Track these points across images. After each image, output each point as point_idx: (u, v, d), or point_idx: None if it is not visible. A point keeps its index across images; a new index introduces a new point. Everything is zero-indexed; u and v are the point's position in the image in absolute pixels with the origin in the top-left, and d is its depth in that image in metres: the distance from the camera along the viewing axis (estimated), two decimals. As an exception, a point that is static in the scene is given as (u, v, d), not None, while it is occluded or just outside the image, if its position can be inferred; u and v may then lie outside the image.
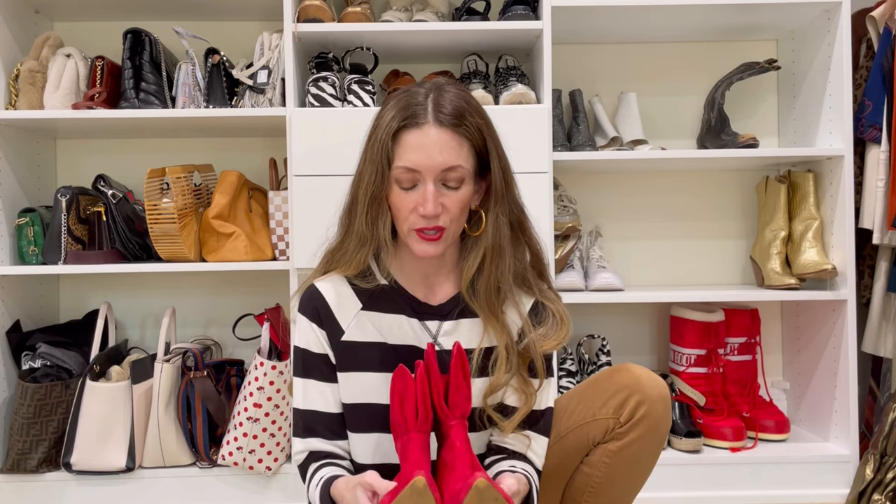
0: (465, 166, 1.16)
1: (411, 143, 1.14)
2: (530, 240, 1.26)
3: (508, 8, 2.13)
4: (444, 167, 1.14)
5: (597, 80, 2.46)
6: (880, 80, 2.13)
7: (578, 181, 2.42)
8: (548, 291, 1.28)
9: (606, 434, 1.24)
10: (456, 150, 1.14)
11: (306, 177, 1.98)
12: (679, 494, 2.05)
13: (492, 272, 1.20)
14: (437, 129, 1.14)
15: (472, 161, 1.18)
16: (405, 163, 1.14)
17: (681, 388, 2.23)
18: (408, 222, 1.17)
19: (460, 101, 1.17)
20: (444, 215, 1.16)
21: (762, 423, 2.20)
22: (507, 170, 1.22)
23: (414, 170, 1.14)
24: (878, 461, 1.96)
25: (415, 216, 1.16)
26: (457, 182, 1.16)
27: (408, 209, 1.16)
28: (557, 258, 2.18)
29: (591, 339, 2.35)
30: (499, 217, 1.20)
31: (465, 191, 1.17)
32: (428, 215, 1.14)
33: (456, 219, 1.17)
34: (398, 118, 1.15)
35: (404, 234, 1.19)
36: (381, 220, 1.18)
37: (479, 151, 1.19)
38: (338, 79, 2.15)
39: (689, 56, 2.47)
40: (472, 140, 1.17)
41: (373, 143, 1.18)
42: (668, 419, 1.24)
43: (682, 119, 2.46)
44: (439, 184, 1.15)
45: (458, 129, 1.15)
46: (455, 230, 1.19)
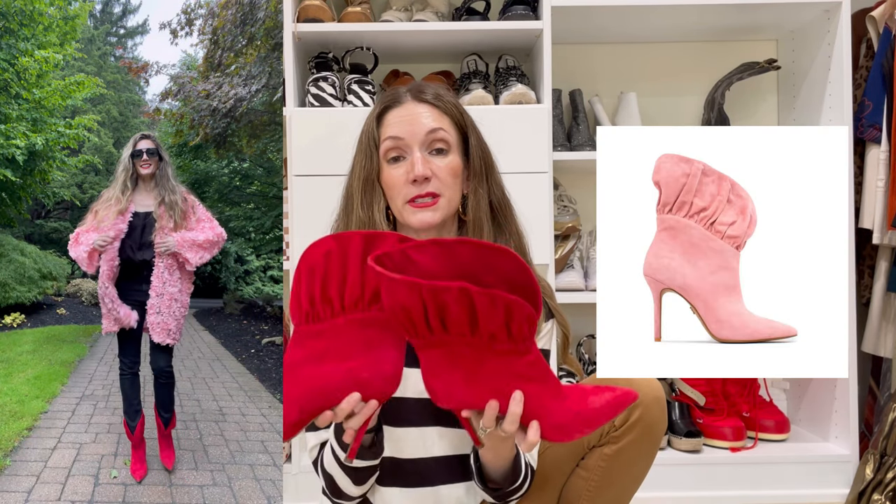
0: (448, 132, 1.19)
1: (394, 118, 1.20)
2: (512, 226, 1.25)
3: (508, 8, 2.13)
4: (427, 130, 1.17)
5: (597, 80, 2.46)
6: (880, 80, 2.13)
7: (578, 181, 2.42)
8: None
9: (601, 437, 1.24)
10: (437, 118, 1.19)
11: (306, 177, 1.98)
12: (679, 494, 2.05)
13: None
14: (417, 103, 1.20)
15: (454, 132, 1.21)
16: (390, 133, 1.18)
17: (681, 388, 2.23)
18: (401, 195, 1.17)
19: (437, 88, 1.23)
20: (435, 181, 1.17)
21: (762, 423, 2.20)
22: (486, 152, 1.24)
23: (399, 137, 1.17)
24: (878, 461, 1.96)
25: (407, 187, 1.17)
26: (443, 145, 1.18)
27: (400, 183, 1.17)
28: (557, 258, 2.18)
29: (591, 339, 2.35)
30: (477, 192, 1.21)
31: (453, 159, 1.19)
32: (418, 177, 1.15)
33: (449, 185, 1.18)
34: (380, 105, 1.23)
35: (400, 212, 1.19)
36: (376, 202, 1.19)
37: (459, 126, 1.22)
38: (338, 79, 2.15)
39: (689, 56, 2.47)
40: (451, 114, 1.21)
41: (361, 135, 1.23)
42: (663, 421, 1.24)
43: (682, 119, 2.46)
44: (426, 151, 1.18)
45: (435, 103, 1.20)
46: (450, 198, 1.19)
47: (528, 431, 0.92)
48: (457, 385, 0.92)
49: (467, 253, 0.88)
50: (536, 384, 0.92)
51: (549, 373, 0.93)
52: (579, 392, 0.94)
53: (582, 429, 0.92)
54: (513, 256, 0.87)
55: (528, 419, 0.92)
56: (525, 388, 0.91)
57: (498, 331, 0.86)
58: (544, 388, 0.92)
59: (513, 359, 0.90)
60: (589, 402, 0.92)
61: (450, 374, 0.91)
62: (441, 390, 0.93)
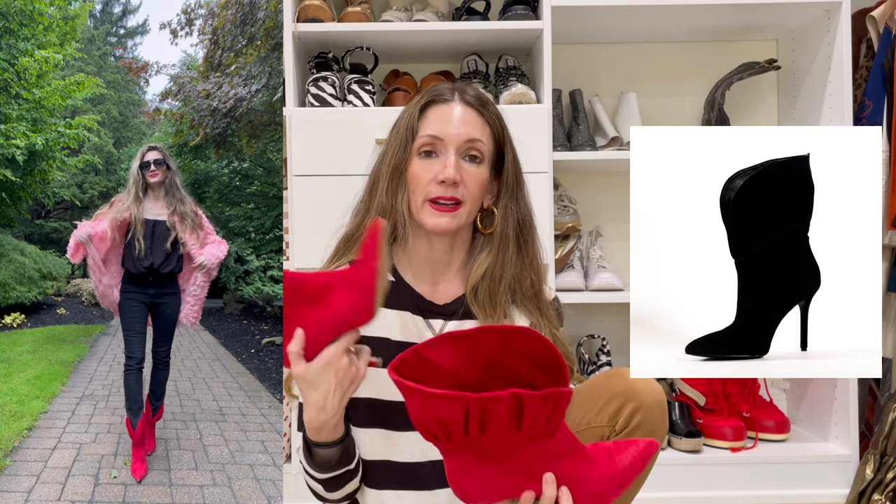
0: (486, 144, 1.19)
1: (437, 115, 1.18)
2: (533, 246, 1.25)
3: (508, 8, 2.13)
4: (467, 138, 1.16)
5: (597, 80, 2.46)
6: (880, 80, 2.13)
7: (578, 181, 2.42)
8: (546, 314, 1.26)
9: (602, 442, 1.23)
10: (479, 127, 1.18)
11: (306, 177, 1.98)
12: (679, 494, 2.05)
13: (496, 263, 1.20)
14: (463, 105, 1.19)
15: (491, 146, 1.20)
16: (430, 131, 1.17)
17: (681, 388, 2.23)
18: (424, 191, 1.16)
19: (484, 94, 1.23)
20: (462, 188, 1.16)
21: (762, 423, 2.20)
22: (519, 170, 1.24)
23: (438, 137, 1.17)
24: (878, 461, 1.96)
25: (433, 185, 1.16)
26: (478, 154, 1.18)
27: (427, 178, 1.16)
28: (557, 258, 2.18)
29: (591, 339, 2.35)
30: (508, 208, 1.21)
31: (484, 171, 1.19)
32: (448, 180, 1.14)
33: (473, 195, 1.18)
34: (425, 98, 1.21)
35: (418, 209, 1.18)
36: (401, 192, 1.19)
37: (497, 141, 1.22)
38: (338, 79, 2.15)
39: (689, 56, 2.47)
40: (492, 126, 1.21)
41: (399, 122, 1.22)
42: (664, 424, 1.24)
43: (682, 119, 2.46)
44: (460, 156, 1.17)
45: (481, 110, 1.20)
46: (472, 209, 1.19)
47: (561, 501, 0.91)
48: (490, 480, 0.90)
49: (488, 340, 0.87)
50: (567, 459, 0.92)
51: (575, 443, 0.93)
52: (604, 453, 0.94)
53: (616, 491, 0.93)
54: (534, 336, 0.86)
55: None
56: (557, 467, 0.91)
57: (539, 423, 0.85)
58: (574, 460, 0.92)
59: (544, 441, 0.89)
60: (617, 462, 0.93)
61: (482, 471, 0.89)
62: (474, 491, 0.91)
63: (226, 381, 3.92)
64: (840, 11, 2.12)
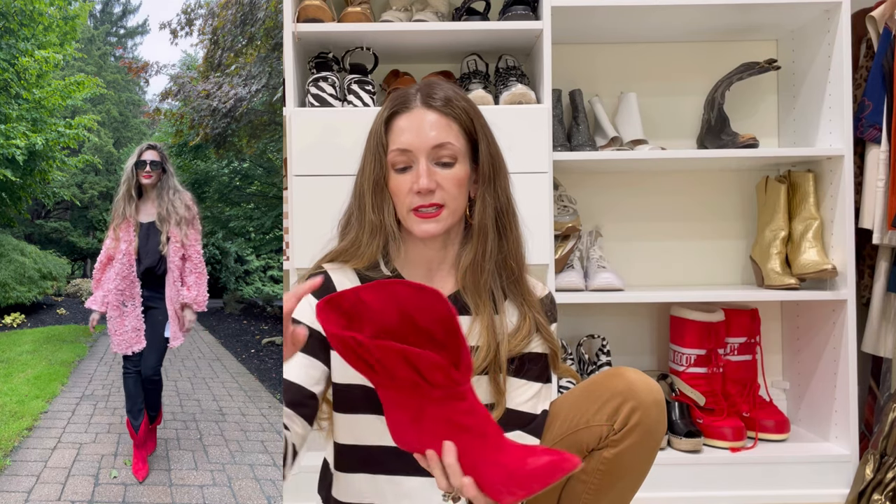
0: (456, 144, 1.19)
1: (402, 125, 1.19)
2: (512, 232, 1.25)
3: (508, 8, 2.13)
4: (434, 143, 1.17)
5: (597, 80, 2.46)
6: (880, 80, 2.13)
7: (578, 181, 2.42)
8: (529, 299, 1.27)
9: (600, 441, 1.23)
10: (445, 129, 1.18)
11: (306, 177, 1.98)
12: (679, 494, 2.05)
13: (478, 253, 1.21)
14: (425, 110, 1.19)
15: (462, 140, 1.20)
16: (397, 145, 1.18)
17: (681, 388, 2.23)
18: (405, 204, 1.18)
19: (448, 90, 1.22)
20: (440, 192, 1.17)
21: (762, 423, 2.20)
22: (496, 157, 1.24)
23: (406, 150, 1.17)
24: (878, 461, 1.96)
25: (412, 196, 1.17)
26: (449, 158, 1.18)
27: (405, 191, 1.18)
28: (557, 258, 2.18)
29: (591, 339, 2.35)
30: (485, 198, 1.22)
31: (460, 169, 1.19)
32: (422, 190, 1.15)
33: (454, 196, 1.19)
34: (389, 107, 1.22)
35: (405, 219, 1.20)
36: (386, 206, 1.20)
37: (468, 133, 1.22)
38: (338, 79, 2.15)
39: (689, 56, 2.47)
40: (460, 121, 1.20)
41: (370, 134, 1.23)
42: (662, 423, 1.24)
43: (682, 119, 2.46)
44: (432, 162, 1.18)
45: (445, 109, 1.19)
46: (455, 208, 1.20)
47: (463, 490, 0.93)
48: (404, 426, 0.96)
49: (405, 293, 0.93)
50: (474, 436, 0.93)
51: (489, 425, 0.94)
52: (521, 451, 0.93)
53: (514, 490, 0.91)
54: (442, 301, 0.91)
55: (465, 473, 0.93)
56: (460, 438, 0.93)
57: (413, 377, 0.89)
58: (483, 441, 0.93)
59: (449, 404, 0.92)
60: (526, 463, 0.91)
61: (398, 415, 0.96)
62: (391, 429, 0.99)
63: (226, 381, 3.92)
64: (840, 11, 2.12)
